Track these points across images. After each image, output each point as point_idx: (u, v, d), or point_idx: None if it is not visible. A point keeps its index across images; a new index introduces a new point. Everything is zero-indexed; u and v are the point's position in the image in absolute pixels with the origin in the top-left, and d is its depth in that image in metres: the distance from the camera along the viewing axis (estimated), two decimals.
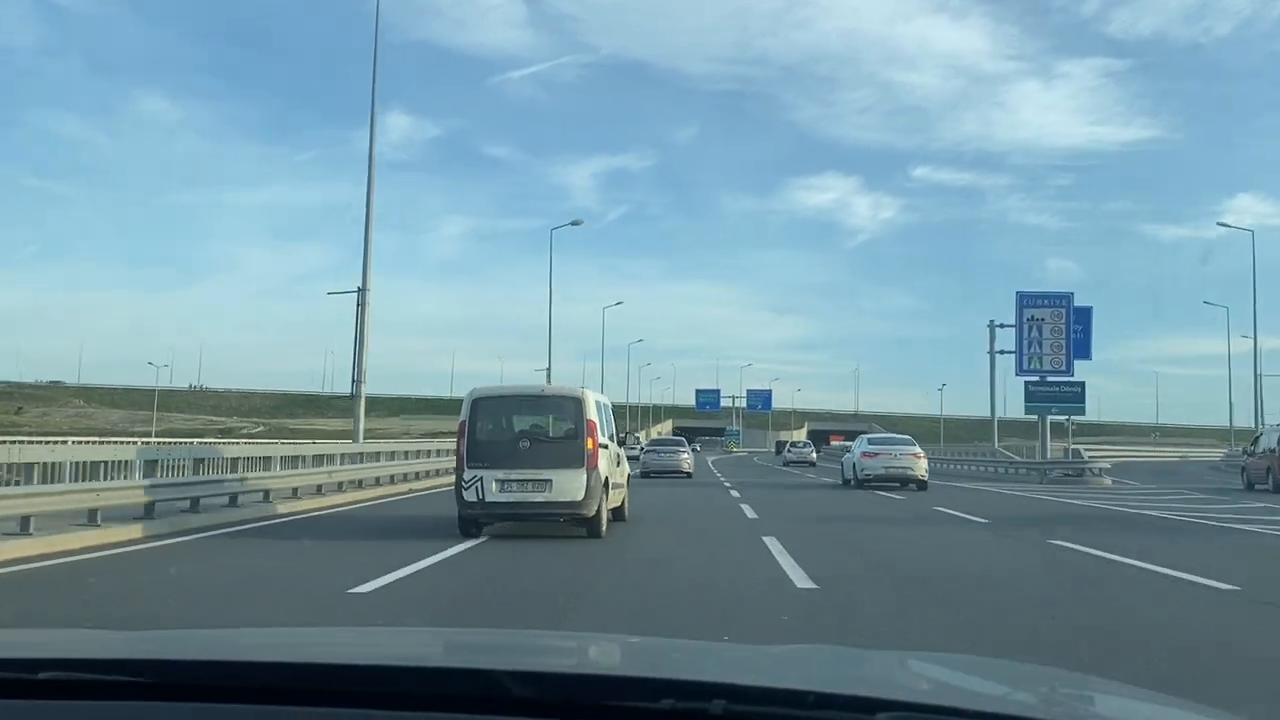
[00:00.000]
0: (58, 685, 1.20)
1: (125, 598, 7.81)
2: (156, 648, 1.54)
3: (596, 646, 1.92)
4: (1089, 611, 7.15)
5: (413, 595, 7.81)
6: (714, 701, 1.10)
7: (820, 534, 13.00)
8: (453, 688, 1.19)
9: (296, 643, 1.86)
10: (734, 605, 7.25)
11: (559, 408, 11.87)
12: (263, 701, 1.18)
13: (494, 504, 11.27)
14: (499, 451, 11.38)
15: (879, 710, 1.08)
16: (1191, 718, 1.37)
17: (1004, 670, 1.69)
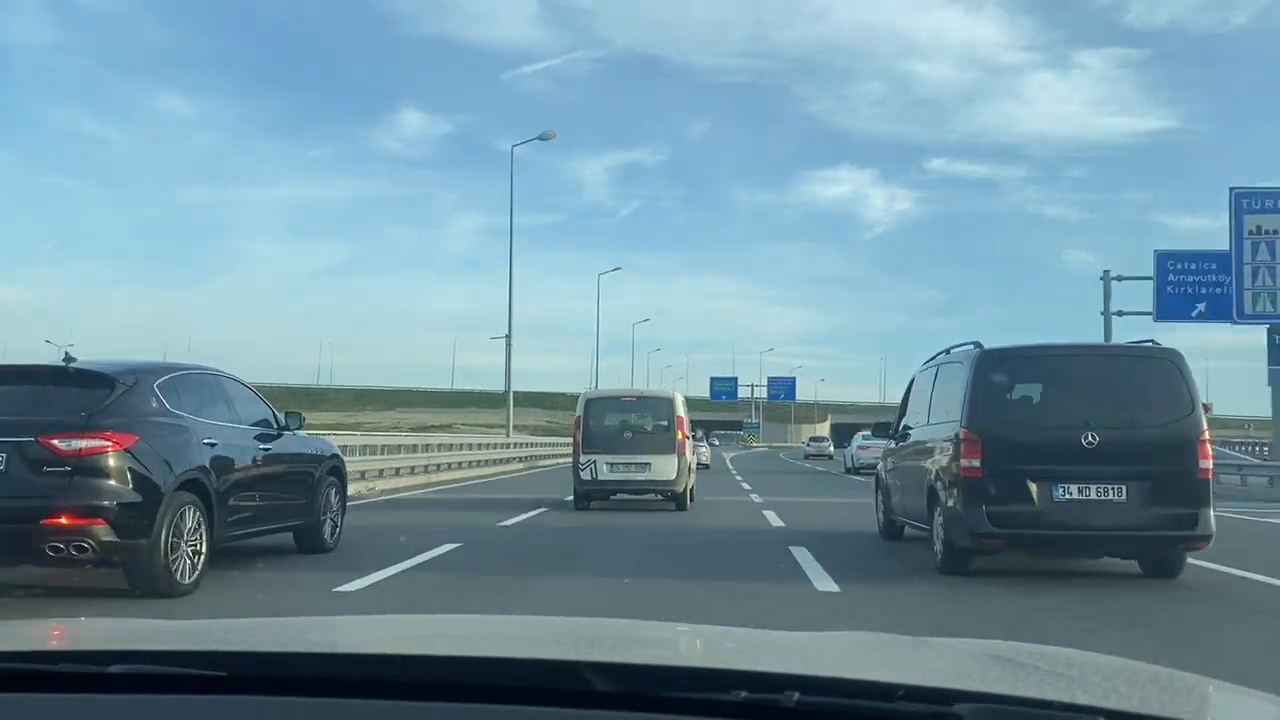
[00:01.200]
0: (129, 679, 1.16)
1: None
2: (226, 638, 1.51)
3: (663, 636, 1.88)
4: None
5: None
6: (786, 693, 1.09)
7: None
8: (530, 680, 1.18)
9: (368, 632, 1.79)
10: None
11: (655, 407, 15.03)
12: (315, 694, 1.16)
13: (605, 481, 14.44)
14: (608, 440, 14.43)
15: (955, 701, 1.07)
16: (1267, 708, 1.31)
17: (1078, 660, 1.60)
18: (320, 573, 7.64)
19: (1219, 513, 7.95)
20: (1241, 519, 13.96)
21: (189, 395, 7.04)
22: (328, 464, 8.92)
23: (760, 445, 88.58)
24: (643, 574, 7.99)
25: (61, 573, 6.65)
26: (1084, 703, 1.11)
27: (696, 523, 12.91)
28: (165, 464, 6.38)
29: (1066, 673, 1.44)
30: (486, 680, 1.18)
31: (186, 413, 6.84)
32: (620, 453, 14.53)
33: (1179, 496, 7.38)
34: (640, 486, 14.71)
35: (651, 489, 14.75)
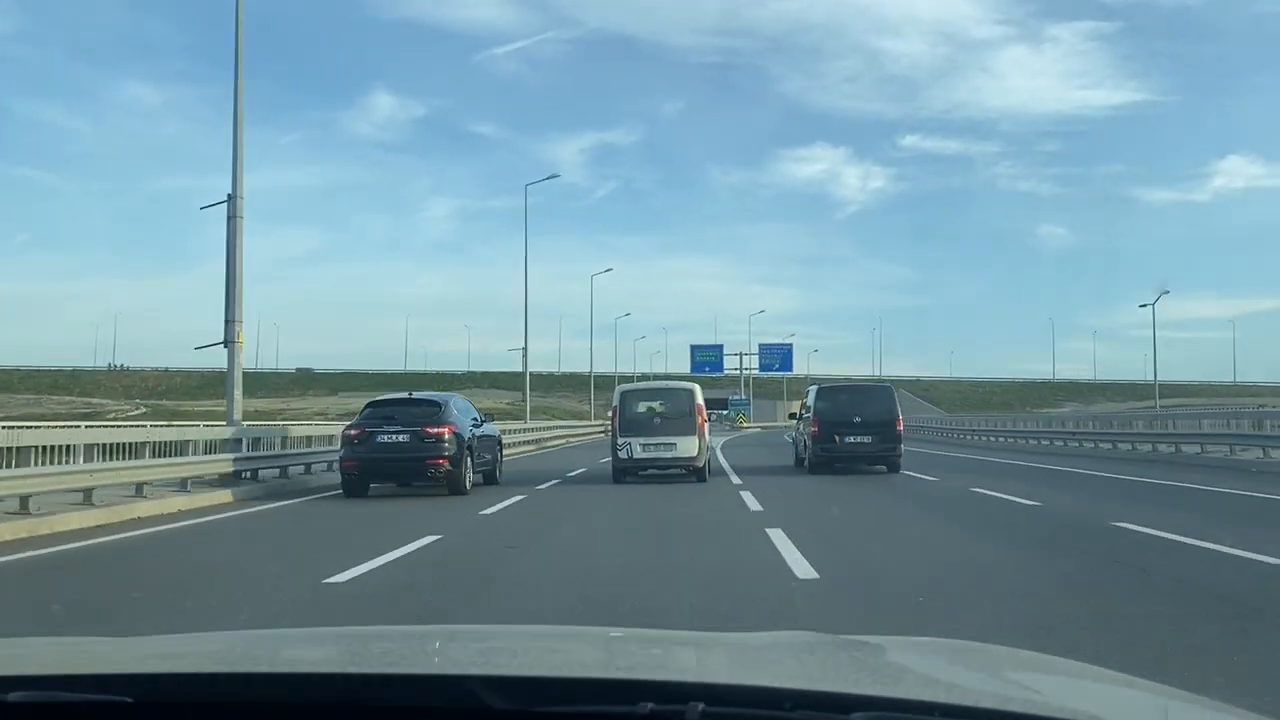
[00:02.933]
0: (30, 709, 1.17)
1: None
2: (134, 660, 1.52)
3: (575, 645, 1.91)
4: None
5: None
6: (690, 704, 1.12)
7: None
8: (423, 697, 1.20)
9: (271, 650, 1.87)
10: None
11: (678, 397, 18.46)
12: (238, 715, 1.19)
13: (639, 459, 17.80)
14: (640, 425, 17.89)
15: (855, 710, 1.12)
16: (1195, 710, 1.36)
17: (991, 657, 1.70)
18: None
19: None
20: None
21: (459, 407, 16.51)
22: (498, 439, 18.69)
23: (753, 426, 76.99)
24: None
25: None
26: (983, 706, 1.15)
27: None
28: (462, 438, 15.42)
29: (975, 672, 1.54)
30: (379, 700, 1.20)
31: (460, 415, 16.10)
32: (650, 435, 17.72)
33: (889, 442, 19.50)
34: (668, 463, 17.89)
35: (677, 465, 17.88)
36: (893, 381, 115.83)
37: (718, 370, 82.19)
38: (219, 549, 10.24)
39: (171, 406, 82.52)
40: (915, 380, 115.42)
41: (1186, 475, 17.84)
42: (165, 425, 22.46)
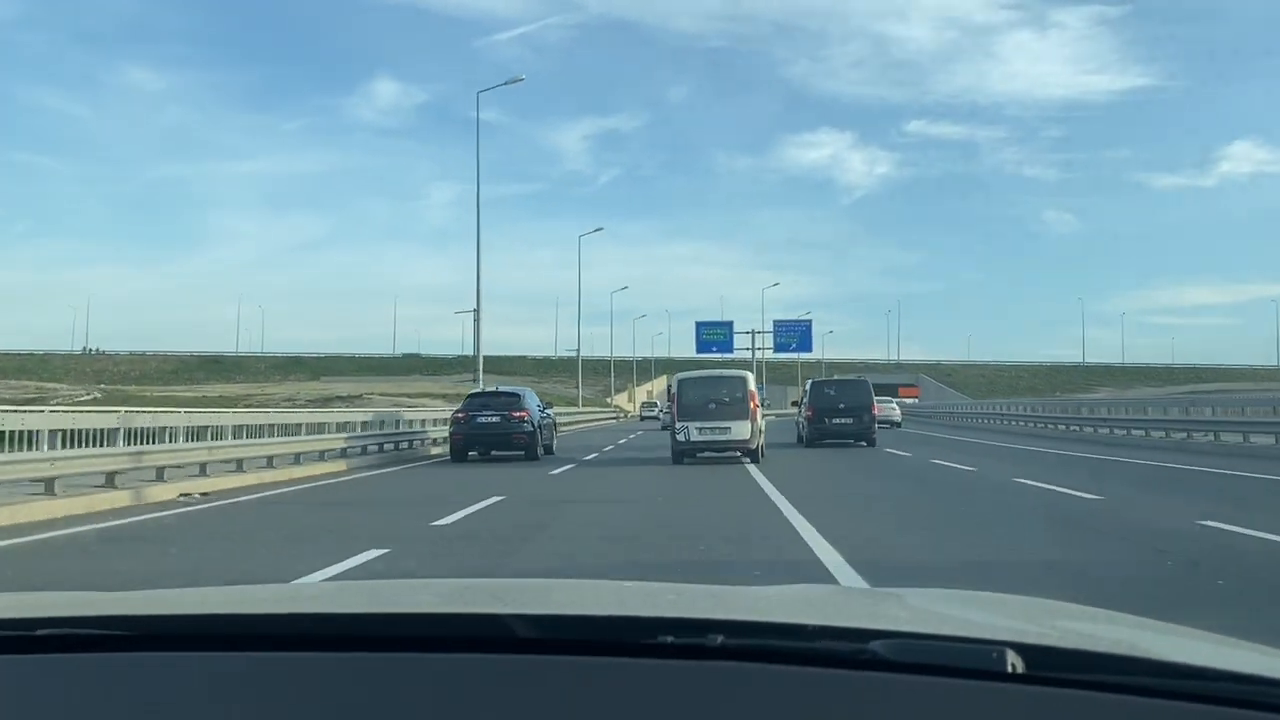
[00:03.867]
0: (54, 641, 1.26)
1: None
2: (150, 605, 1.59)
3: (597, 590, 2.01)
4: None
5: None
6: (710, 635, 1.16)
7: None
8: (458, 631, 1.26)
9: (297, 596, 2.00)
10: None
11: (732, 383, 19.71)
12: (226, 649, 1.23)
13: (696, 442, 19.00)
14: (696, 410, 19.10)
15: (872, 639, 1.14)
16: (1207, 648, 1.34)
17: (1005, 602, 1.71)
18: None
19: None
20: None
21: (531, 397, 22.90)
22: (554, 421, 25.51)
23: (767, 413, 68.94)
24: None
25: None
26: (994, 637, 1.16)
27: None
28: (534, 420, 21.84)
29: (990, 613, 1.56)
30: (415, 633, 1.24)
31: (532, 403, 22.56)
32: (706, 420, 19.03)
33: (866, 422, 25.98)
34: (723, 445, 19.18)
35: (732, 447, 19.20)
36: (912, 366, 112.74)
37: (726, 350, 73.06)
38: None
39: (133, 392, 76.01)
40: (935, 364, 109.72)
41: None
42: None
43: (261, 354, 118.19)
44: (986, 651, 1.10)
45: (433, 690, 1.13)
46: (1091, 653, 1.16)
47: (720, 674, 1.11)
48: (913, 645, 1.13)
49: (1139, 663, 1.14)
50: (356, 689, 1.13)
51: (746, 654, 1.13)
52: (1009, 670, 1.07)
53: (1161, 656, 1.17)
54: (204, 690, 1.16)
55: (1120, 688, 1.07)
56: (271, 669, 1.19)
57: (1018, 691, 1.07)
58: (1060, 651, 1.15)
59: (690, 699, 1.09)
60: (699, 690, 1.10)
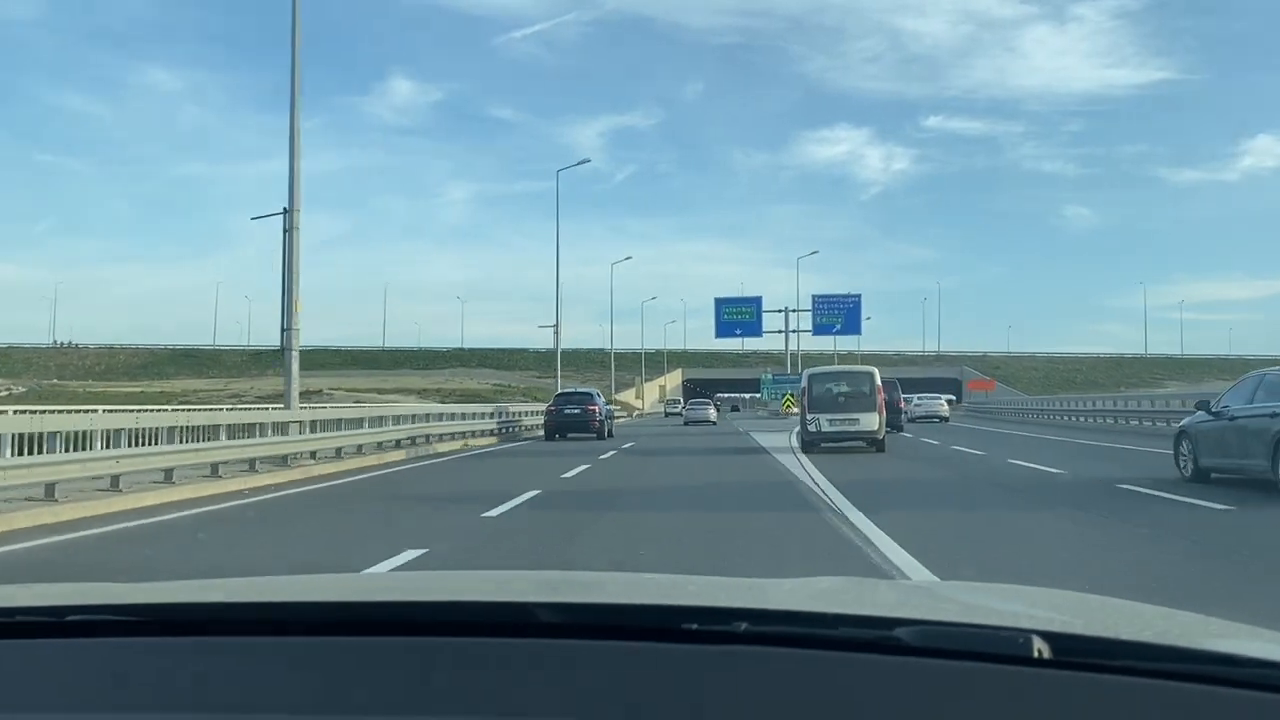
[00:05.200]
0: (84, 626, 1.31)
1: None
2: (179, 593, 1.64)
3: (624, 582, 2.08)
4: None
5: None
6: (734, 623, 1.18)
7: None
8: (487, 618, 1.30)
9: (321, 587, 1.94)
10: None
11: (859, 378, 21.57)
12: (255, 634, 1.27)
13: (826, 433, 20.80)
14: (826, 403, 20.99)
15: (896, 626, 1.15)
16: (1232, 636, 1.36)
17: (1031, 593, 1.75)
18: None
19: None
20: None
21: (600, 396, 32.38)
22: (612, 413, 33.85)
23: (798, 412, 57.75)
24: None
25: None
26: (1015, 625, 1.18)
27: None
28: (602, 412, 30.42)
29: (1010, 601, 1.62)
30: (432, 619, 1.27)
31: (601, 401, 31.63)
32: (835, 412, 20.88)
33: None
34: (852, 436, 20.79)
35: (859, 438, 20.76)
36: (954, 358, 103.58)
37: (753, 332, 61.29)
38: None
39: (73, 389, 67.08)
40: (981, 356, 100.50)
41: None
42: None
43: (241, 347, 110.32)
44: (1012, 637, 1.11)
45: (461, 673, 1.16)
46: (1116, 639, 1.17)
47: (744, 658, 1.13)
48: (937, 631, 1.15)
49: (1164, 649, 1.15)
50: (387, 673, 1.15)
51: (770, 640, 1.15)
52: (1035, 655, 1.08)
53: (1189, 644, 1.20)
54: (226, 673, 1.19)
55: (1145, 673, 1.07)
56: (291, 654, 1.22)
57: (1043, 675, 1.08)
58: (1085, 638, 1.17)
59: (715, 682, 1.11)
60: (723, 674, 1.12)
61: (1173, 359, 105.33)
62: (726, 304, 61.36)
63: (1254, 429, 11.73)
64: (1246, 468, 11.93)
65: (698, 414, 45.46)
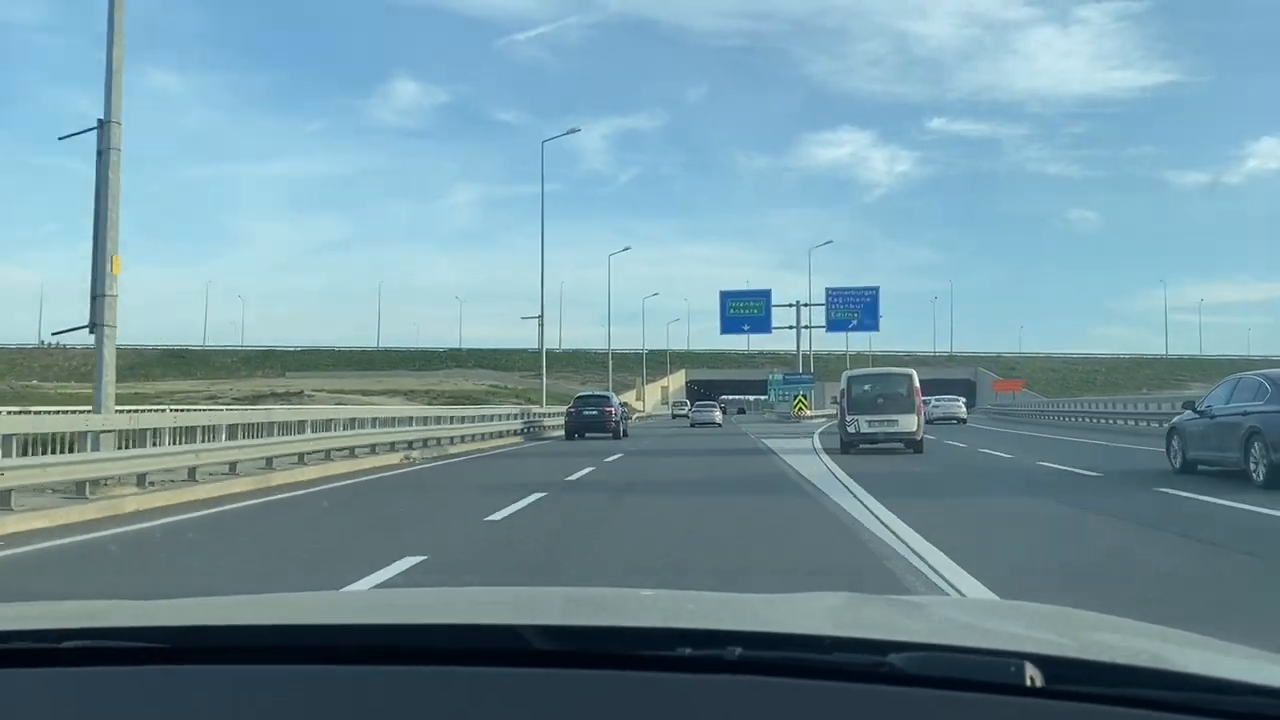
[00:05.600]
0: (81, 653, 1.27)
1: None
2: (176, 615, 1.60)
3: (617, 600, 2.02)
4: None
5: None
6: (728, 648, 1.17)
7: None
8: (474, 642, 1.27)
9: (318, 607, 1.95)
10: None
11: (897, 380, 21.75)
12: (280, 663, 1.25)
13: (865, 434, 21.08)
14: (865, 405, 21.29)
15: (890, 652, 1.14)
16: (1232, 660, 1.36)
17: (1026, 612, 1.75)
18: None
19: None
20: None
21: (614, 398, 33.85)
22: (627, 414, 35.65)
23: (815, 414, 53.24)
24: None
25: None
26: (1013, 649, 1.16)
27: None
28: (618, 413, 32.20)
29: (1013, 624, 1.59)
30: (430, 645, 1.25)
31: (616, 402, 33.33)
32: (875, 413, 21.08)
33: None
34: (890, 437, 20.99)
35: (897, 439, 20.99)
36: (967, 358, 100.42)
37: (762, 328, 55.84)
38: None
39: (48, 390, 64.13)
40: (995, 357, 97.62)
41: None
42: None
43: (233, 348, 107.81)
44: (1004, 665, 1.10)
45: (449, 704, 1.14)
46: (1111, 664, 1.15)
47: (737, 688, 1.12)
48: (930, 658, 1.13)
49: (1160, 675, 1.13)
50: (371, 702, 1.14)
51: (764, 666, 1.15)
52: (1027, 684, 1.08)
53: (1184, 668, 1.18)
54: (228, 705, 1.17)
55: (1141, 701, 1.07)
56: (289, 682, 1.20)
57: (1036, 705, 1.07)
58: (1079, 663, 1.15)
59: (707, 714, 1.10)
60: (716, 705, 1.11)
61: (1195, 360, 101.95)
62: (733, 298, 56.65)
63: (1229, 425, 12.97)
64: (1224, 460, 13.21)
65: (703, 416, 47.24)
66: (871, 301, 55.20)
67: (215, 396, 56.53)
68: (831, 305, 55.50)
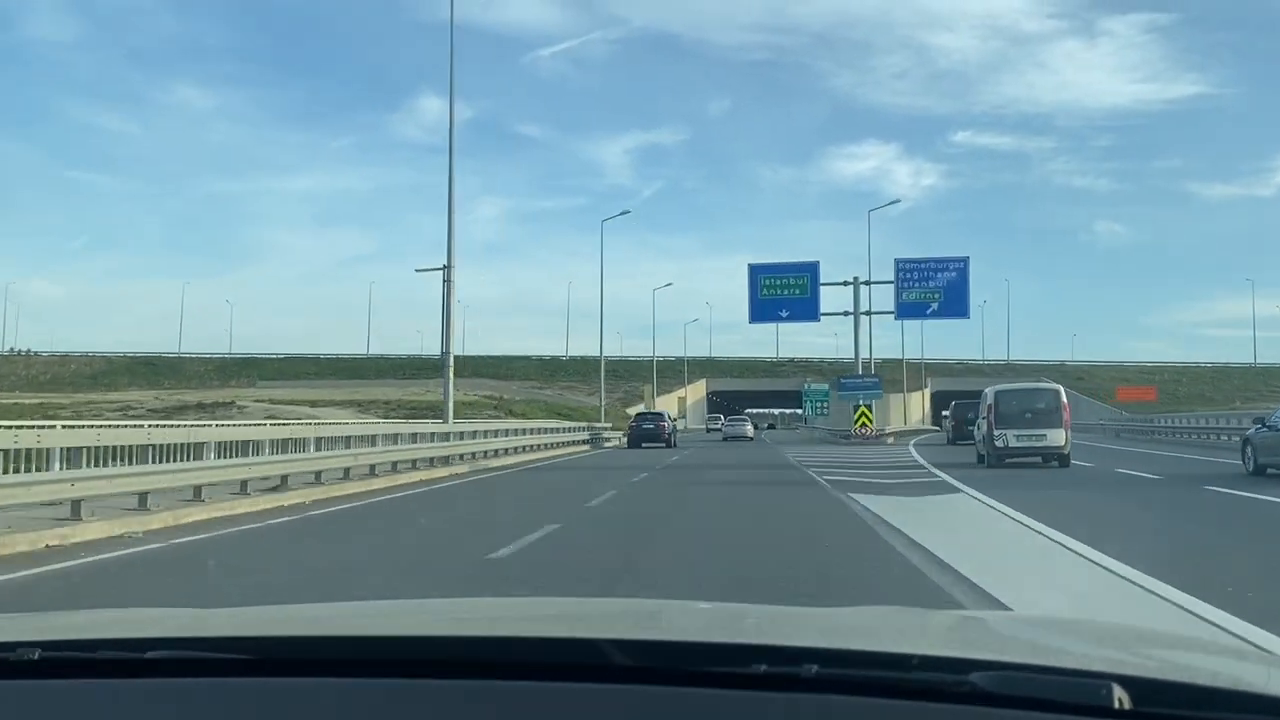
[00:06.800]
0: (165, 664, 1.27)
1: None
2: (259, 625, 1.62)
3: (684, 614, 2.00)
4: None
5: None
6: (805, 666, 1.15)
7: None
8: (554, 656, 1.27)
9: (396, 615, 1.94)
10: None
11: (1046, 395, 22.15)
12: (349, 674, 1.24)
13: (1013, 448, 21.21)
14: (1013, 419, 21.41)
15: (972, 670, 1.12)
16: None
17: (1091, 629, 1.73)
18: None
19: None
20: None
21: (668, 415, 42.66)
22: (676, 427, 42.79)
23: (882, 432, 41.19)
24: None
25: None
26: (1097, 669, 1.15)
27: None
28: (670, 427, 39.76)
29: (1084, 641, 1.56)
30: (510, 658, 1.26)
31: (668, 418, 41.72)
32: (1023, 428, 21.20)
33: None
34: (1038, 451, 21.15)
35: (1045, 453, 21.17)
36: (1025, 367, 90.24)
37: (806, 314, 42.85)
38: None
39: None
40: (1058, 366, 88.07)
41: None
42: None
43: (211, 355, 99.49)
44: (1094, 687, 1.08)
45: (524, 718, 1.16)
46: (1196, 685, 1.15)
47: (814, 707, 1.10)
48: (1013, 678, 1.11)
49: (1243, 698, 1.12)
50: (445, 715, 1.15)
51: (841, 684, 1.13)
52: (1115, 706, 1.06)
53: (1265, 690, 1.17)
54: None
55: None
56: (374, 697, 1.19)
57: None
58: (1167, 685, 1.14)
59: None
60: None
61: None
62: (766, 273, 42.69)
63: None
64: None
65: (736, 430, 49.44)
66: (959, 278, 41.27)
67: (127, 408, 47.10)
68: (903, 283, 41.63)
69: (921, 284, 41.57)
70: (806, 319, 42.93)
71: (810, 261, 43.17)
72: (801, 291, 42.04)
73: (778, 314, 42.26)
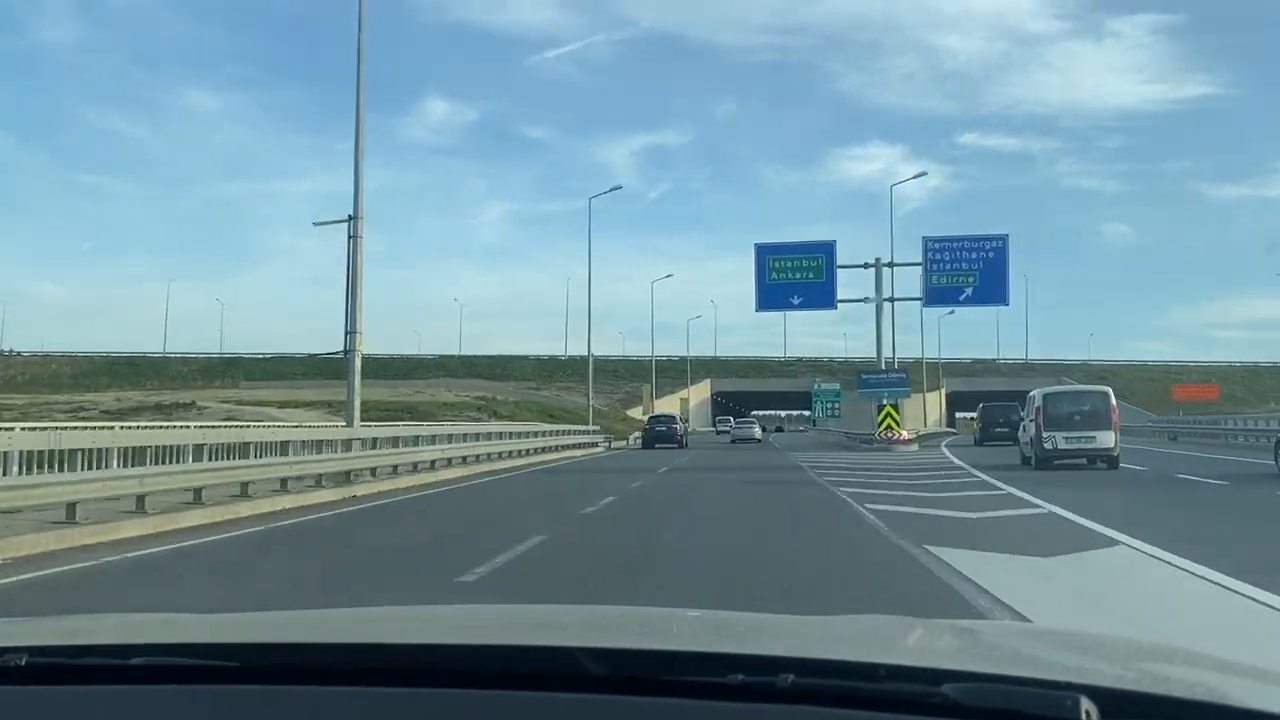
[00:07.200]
0: (149, 670, 1.28)
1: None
2: (243, 631, 1.63)
3: (665, 622, 2.01)
4: None
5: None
6: (781, 675, 1.17)
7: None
8: (527, 665, 1.29)
9: (378, 623, 1.95)
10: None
11: (1095, 398, 22.18)
12: (335, 683, 1.25)
13: (1063, 450, 21.36)
14: (1062, 422, 21.45)
15: (944, 681, 1.14)
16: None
17: (1083, 640, 1.75)
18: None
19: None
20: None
21: (679, 417, 50.40)
22: (687, 430, 51.26)
23: (910, 436, 36.16)
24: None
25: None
26: (1066, 680, 1.16)
27: None
28: (681, 428, 44.47)
29: (1067, 652, 1.56)
30: (487, 667, 1.27)
31: (679, 420, 47.57)
32: (1072, 430, 21.29)
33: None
34: (1087, 453, 21.37)
35: (1096, 455, 21.33)
36: (1045, 366, 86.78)
37: (821, 302, 37.35)
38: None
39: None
40: (1081, 365, 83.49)
41: None
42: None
43: (196, 355, 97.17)
44: (1060, 698, 1.09)
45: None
46: (1169, 698, 1.15)
47: (788, 718, 1.13)
48: (983, 689, 1.13)
49: (1218, 710, 1.12)
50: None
51: (816, 695, 1.15)
52: (1082, 718, 1.07)
53: (1242, 704, 1.16)
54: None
55: None
56: (357, 704, 1.19)
57: None
58: (1136, 696, 1.15)
59: None
60: None
61: None
62: (775, 254, 37.32)
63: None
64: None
65: (744, 432, 51.23)
66: (997, 258, 35.49)
67: (79, 409, 43.65)
68: (933, 265, 36.00)
69: (954, 266, 36.43)
70: (821, 306, 37.58)
71: (826, 241, 38.48)
72: (815, 275, 36.93)
73: (788, 300, 37.21)
